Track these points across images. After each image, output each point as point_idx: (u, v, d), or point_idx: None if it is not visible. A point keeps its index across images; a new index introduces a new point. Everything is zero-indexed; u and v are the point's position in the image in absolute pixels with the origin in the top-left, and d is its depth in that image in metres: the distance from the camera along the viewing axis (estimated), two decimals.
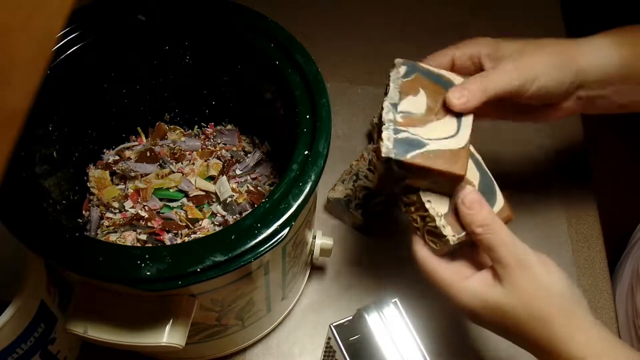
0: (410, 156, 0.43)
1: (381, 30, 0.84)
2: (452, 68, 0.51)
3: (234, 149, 0.62)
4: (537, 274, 0.42)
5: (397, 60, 0.47)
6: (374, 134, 0.69)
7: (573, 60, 0.49)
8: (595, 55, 0.50)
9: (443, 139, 0.44)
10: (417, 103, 0.45)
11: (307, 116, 0.47)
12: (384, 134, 0.43)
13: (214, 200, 0.59)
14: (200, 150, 0.62)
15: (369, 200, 0.65)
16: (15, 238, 0.40)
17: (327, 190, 0.66)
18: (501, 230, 0.42)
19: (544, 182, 0.72)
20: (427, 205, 0.45)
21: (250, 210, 0.54)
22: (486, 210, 0.43)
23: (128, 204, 0.57)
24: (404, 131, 0.44)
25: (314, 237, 0.57)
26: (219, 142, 0.63)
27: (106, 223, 0.57)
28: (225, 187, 0.58)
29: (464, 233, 0.44)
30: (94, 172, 0.58)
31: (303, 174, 0.43)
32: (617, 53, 0.50)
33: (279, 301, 0.55)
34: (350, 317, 0.47)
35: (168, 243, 0.55)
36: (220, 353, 0.57)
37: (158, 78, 0.58)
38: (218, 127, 0.64)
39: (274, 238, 0.40)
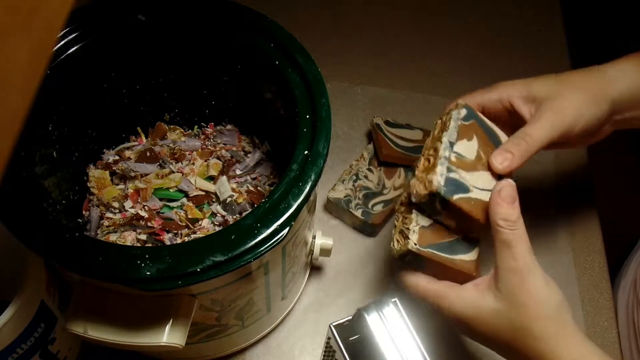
0: (456, 198, 0.44)
1: (381, 30, 0.84)
2: (482, 112, 0.51)
3: (234, 149, 0.62)
4: (536, 284, 0.42)
5: (460, 102, 0.48)
6: (374, 134, 0.69)
7: (605, 92, 0.50)
8: (623, 82, 0.50)
9: (484, 190, 0.46)
10: (469, 148, 0.47)
11: (307, 116, 0.47)
12: (439, 169, 0.45)
13: (213, 200, 0.59)
14: (200, 150, 0.62)
15: (369, 200, 0.65)
16: (15, 238, 0.40)
17: (327, 190, 0.66)
18: (522, 232, 0.43)
19: (545, 182, 0.72)
20: (413, 212, 0.46)
21: (250, 210, 0.54)
22: (516, 209, 0.44)
23: (128, 204, 0.57)
24: (455, 172, 0.45)
25: (314, 237, 0.57)
26: (218, 142, 0.63)
27: (106, 223, 0.57)
28: (225, 187, 0.58)
29: (425, 249, 0.45)
30: (94, 172, 0.58)
31: (303, 174, 0.43)
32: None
33: (279, 301, 0.55)
34: (350, 317, 0.47)
35: (168, 243, 0.55)
36: (220, 353, 0.57)
37: (158, 78, 0.58)
38: (218, 127, 0.64)
39: (274, 238, 0.40)
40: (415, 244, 0.45)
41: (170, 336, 0.41)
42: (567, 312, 0.42)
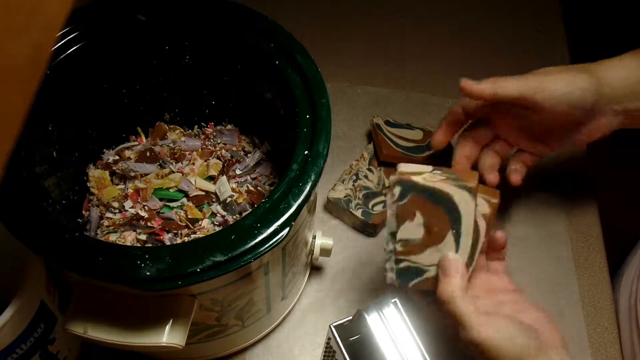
0: (412, 284, 0.47)
1: (381, 30, 0.84)
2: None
3: (234, 149, 0.62)
4: (492, 347, 0.43)
5: (391, 179, 0.47)
6: (374, 134, 0.69)
7: (593, 74, 0.51)
8: (620, 70, 0.51)
9: None
10: (414, 228, 0.47)
11: (307, 116, 0.47)
12: (387, 265, 0.47)
13: (213, 200, 0.59)
14: (200, 150, 0.62)
15: (369, 200, 0.65)
16: (15, 238, 0.40)
17: (327, 190, 0.66)
18: (464, 306, 0.44)
19: (544, 182, 0.72)
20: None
21: (250, 210, 0.54)
22: (451, 284, 0.45)
23: (128, 204, 0.57)
24: (405, 260, 0.47)
25: (314, 237, 0.57)
26: (219, 142, 0.63)
27: (106, 223, 0.57)
28: (225, 187, 0.58)
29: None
30: (93, 172, 0.58)
31: (303, 174, 0.43)
32: None
33: (279, 301, 0.55)
34: (350, 317, 0.47)
35: (168, 243, 0.55)
36: (220, 353, 0.57)
37: (158, 78, 0.58)
38: (218, 127, 0.64)
39: (274, 238, 0.40)
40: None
41: (170, 336, 0.41)
42: (532, 352, 0.43)
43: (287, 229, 0.41)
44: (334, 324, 0.46)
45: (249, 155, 0.62)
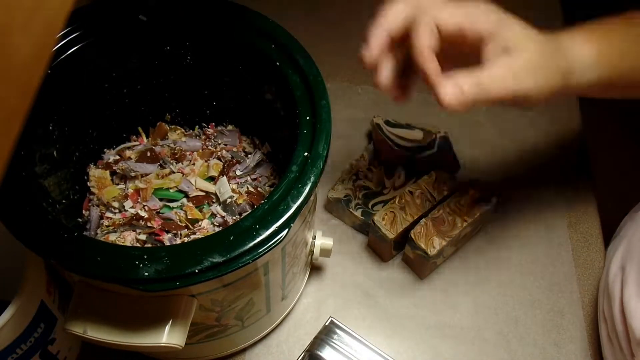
0: None
1: None
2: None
3: (235, 149, 0.62)
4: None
5: None
6: (374, 134, 0.69)
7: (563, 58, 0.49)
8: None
9: None
10: None
11: (307, 117, 0.47)
12: None
13: (213, 200, 0.59)
14: (200, 150, 0.62)
15: (369, 200, 0.65)
16: (15, 238, 0.40)
17: (327, 190, 0.66)
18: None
19: (544, 181, 0.72)
20: None
21: (250, 211, 0.54)
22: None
23: (128, 204, 0.57)
24: None
25: (314, 237, 0.57)
26: (219, 142, 0.63)
27: (106, 223, 0.57)
28: (225, 188, 0.58)
29: None
30: (94, 172, 0.58)
31: (302, 175, 0.43)
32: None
33: (279, 301, 0.55)
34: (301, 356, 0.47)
35: (167, 243, 0.55)
36: (220, 353, 0.57)
37: (159, 78, 0.58)
38: (219, 128, 0.64)
39: (273, 239, 0.40)
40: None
41: (169, 336, 0.41)
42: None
43: (286, 230, 0.41)
44: None
45: (249, 156, 0.62)
